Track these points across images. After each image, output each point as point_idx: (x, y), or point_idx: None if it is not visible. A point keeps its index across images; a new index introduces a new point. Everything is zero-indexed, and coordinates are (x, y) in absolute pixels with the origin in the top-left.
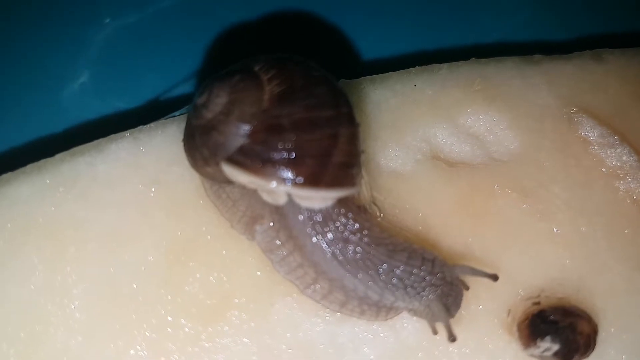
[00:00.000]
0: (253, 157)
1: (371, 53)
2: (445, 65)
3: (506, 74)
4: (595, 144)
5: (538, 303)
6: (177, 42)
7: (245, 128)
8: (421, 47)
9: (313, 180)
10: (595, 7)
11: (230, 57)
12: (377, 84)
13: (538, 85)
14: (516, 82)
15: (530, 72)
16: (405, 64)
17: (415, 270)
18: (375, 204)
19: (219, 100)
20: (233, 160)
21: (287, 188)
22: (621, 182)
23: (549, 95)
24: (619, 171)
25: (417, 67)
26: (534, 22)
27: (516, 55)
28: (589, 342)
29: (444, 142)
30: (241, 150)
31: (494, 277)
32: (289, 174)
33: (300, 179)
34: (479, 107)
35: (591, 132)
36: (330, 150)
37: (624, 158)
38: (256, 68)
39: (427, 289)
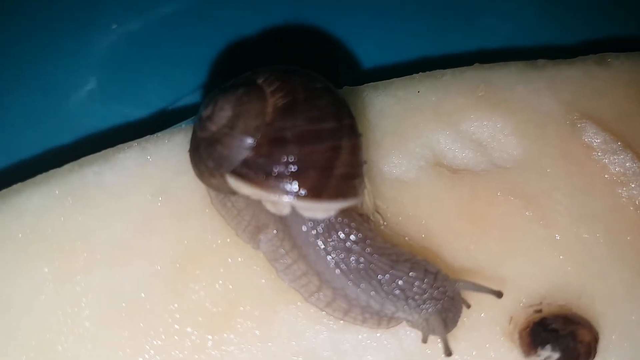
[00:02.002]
0: (257, 170)
1: (374, 60)
2: (448, 70)
3: (510, 80)
4: (598, 150)
5: (540, 310)
6: (183, 47)
7: (249, 141)
8: (424, 52)
9: (315, 192)
10: (599, 10)
11: (236, 64)
12: (380, 91)
13: (542, 90)
14: (520, 87)
15: (534, 77)
16: (408, 70)
17: (417, 282)
18: (378, 213)
19: (224, 113)
20: (237, 173)
21: (290, 200)
22: (624, 188)
23: (553, 101)
24: (622, 177)
25: (420, 73)
26: (538, 26)
27: (520, 59)
28: (590, 350)
29: (447, 149)
30: (245, 163)
31: (498, 294)
32: (291, 187)
33: (303, 191)
34: (483, 113)
35: (594, 138)
36: (333, 162)
37: (627, 164)
38: (260, 81)
39: (427, 302)
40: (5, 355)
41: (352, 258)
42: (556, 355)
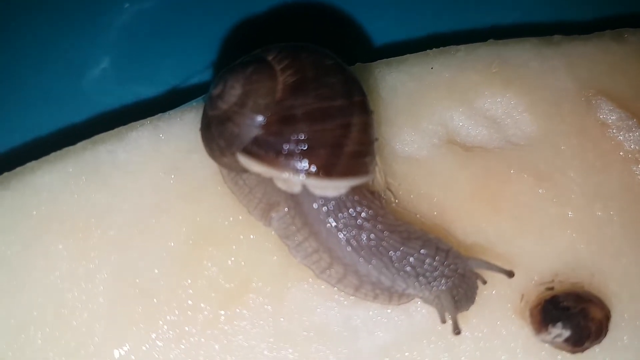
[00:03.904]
0: (267, 148)
1: (387, 36)
2: (462, 47)
3: (524, 56)
4: (613, 127)
5: (551, 288)
6: (195, 24)
7: (260, 119)
8: (438, 28)
9: (326, 170)
10: None
11: (248, 40)
12: (393, 68)
13: (557, 67)
14: (534, 64)
15: (549, 54)
16: (422, 46)
17: (428, 260)
18: (390, 190)
19: (234, 91)
20: (248, 151)
21: (301, 178)
22: (639, 166)
23: (568, 77)
24: (637, 155)
25: (434, 49)
26: (554, 2)
27: (535, 35)
28: (601, 328)
29: (461, 126)
30: (256, 141)
31: (510, 274)
32: (302, 165)
33: (313, 170)
34: (497, 89)
35: (609, 115)
36: (343, 140)
37: None
38: (269, 58)
39: (438, 279)
40: (21, 331)
41: (363, 235)
42: (567, 333)
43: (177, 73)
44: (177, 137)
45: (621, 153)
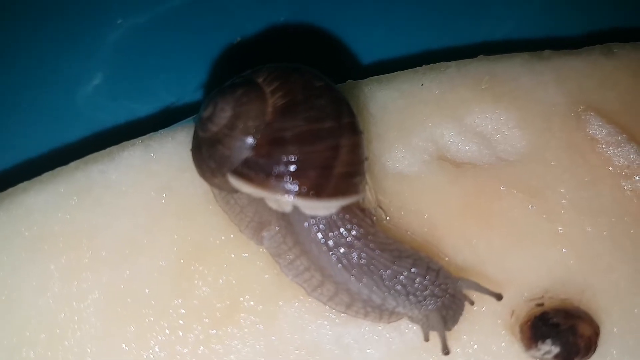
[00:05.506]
0: (257, 170)
1: (378, 53)
2: (453, 63)
3: (515, 71)
4: (602, 142)
5: (541, 304)
6: (187, 42)
7: (250, 141)
8: (428, 45)
9: (316, 191)
10: (605, 0)
11: (242, 57)
12: (383, 85)
13: (547, 82)
14: (525, 79)
15: (540, 69)
16: (412, 63)
17: (418, 279)
18: (380, 207)
19: (224, 114)
20: (238, 173)
21: (291, 199)
22: (628, 181)
23: (558, 92)
24: (626, 170)
25: (424, 65)
26: (543, 17)
27: (525, 51)
28: (590, 345)
29: (451, 142)
30: (246, 163)
31: (498, 297)
32: (291, 186)
33: (303, 190)
34: (487, 105)
35: (599, 130)
36: (332, 162)
37: (632, 157)
38: (259, 80)
39: (428, 299)
40: (14, 350)
41: (354, 254)
42: (556, 349)
43: (169, 90)
44: (168, 156)
45: (610, 168)
